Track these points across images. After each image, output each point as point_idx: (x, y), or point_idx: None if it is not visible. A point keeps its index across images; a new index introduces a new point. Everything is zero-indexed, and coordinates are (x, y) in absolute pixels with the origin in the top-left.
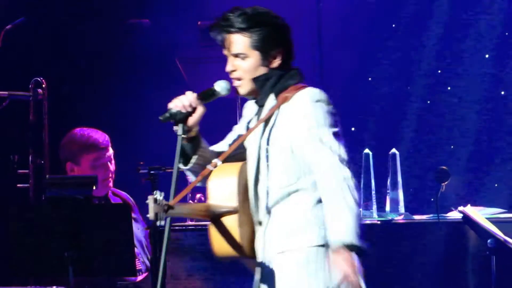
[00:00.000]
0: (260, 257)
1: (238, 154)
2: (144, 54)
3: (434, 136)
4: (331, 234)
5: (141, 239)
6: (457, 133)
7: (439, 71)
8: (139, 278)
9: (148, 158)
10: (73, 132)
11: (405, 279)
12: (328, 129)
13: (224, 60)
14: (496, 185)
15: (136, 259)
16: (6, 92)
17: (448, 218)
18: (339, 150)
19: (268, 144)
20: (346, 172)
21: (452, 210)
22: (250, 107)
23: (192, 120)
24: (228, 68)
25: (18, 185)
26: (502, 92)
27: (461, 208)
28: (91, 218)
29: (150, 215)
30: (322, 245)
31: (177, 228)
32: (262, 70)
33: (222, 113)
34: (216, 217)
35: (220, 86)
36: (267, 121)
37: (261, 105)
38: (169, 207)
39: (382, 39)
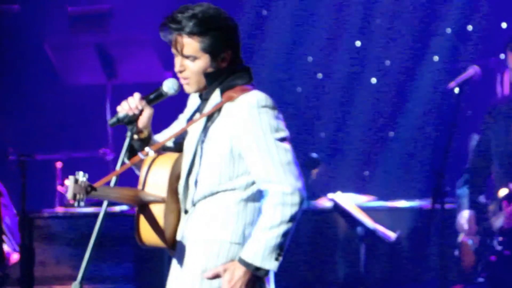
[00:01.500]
0: (177, 245)
1: (179, 144)
2: (12, 40)
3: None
4: (244, 248)
5: (10, 225)
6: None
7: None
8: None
9: (18, 145)
10: None
11: None
12: (273, 135)
13: (91, 45)
14: (366, 172)
15: (4, 245)
16: None
17: (318, 205)
18: (285, 156)
19: (204, 140)
20: (290, 185)
21: (322, 197)
22: (194, 99)
23: (141, 122)
24: (177, 68)
25: None
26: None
27: (331, 195)
28: None
29: (69, 194)
30: (237, 243)
31: (46, 215)
32: (211, 70)
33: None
34: (144, 204)
35: (167, 86)
36: (209, 117)
37: (205, 99)
38: (92, 189)
39: None
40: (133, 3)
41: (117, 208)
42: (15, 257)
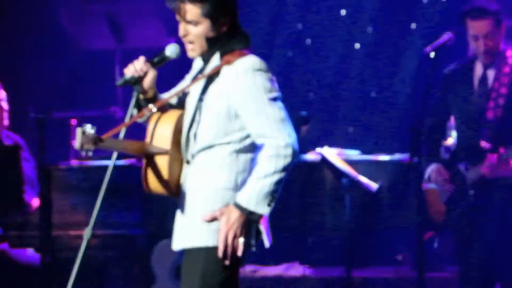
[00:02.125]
0: (180, 191)
1: (183, 102)
2: (32, 9)
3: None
4: (239, 193)
5: (31, 177)
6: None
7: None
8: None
9: (36, 104)
10: None
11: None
12: (266, 95)
13: (102, 14)
14: (352, 128)
15: (25, 195)
16: None
17: (307, 159)
18: (279, 113)
19: (204, 98)
20: (283, 139)
21: (311, 151)
22: (198, 62)
23: (146, 83)
24: (181, 33)
25: None
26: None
27: (319, 149)
28: None
29: (76, 144)
30: (230, 189)
31: (62, 168)
32: (212, 35)
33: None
34: (150, 156)
35: (170, 50)
36: (209, 78)
37: (206, 61)
38: (99, 140)
39: None
40: None
41: (126, 161)
42: (35, 204)
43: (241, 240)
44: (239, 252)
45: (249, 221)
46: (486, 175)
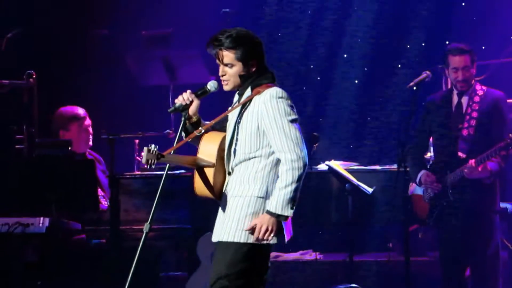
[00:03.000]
0: (223, 197)
1: (225, 126)
2: (104, 54)
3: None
4: (269, 202)
5: (105, 184)
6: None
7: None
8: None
9: (108, 127)
10: (60, 109)
11: None
12: (287, 118)
13: (158, 58)
14: (351, 145)
15: (101, 198)
16: (8, 81)
17: (318, 169)
18: (295, 133)
19: (240, 121)
20: (296, 154)
21: (321, 164)
22: (235, 96)
23: (191, 110)
24: (220, 73)
25: (16, 146)
26: (345, 55)
27: (327, 162)
28: (67, 169)
29: (143, 160)
30: (261, 197)
31: (128, 176)
32: (243, 73)
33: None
34: (200, 167)
35: (210, 85)
36: (243, 106)
37: (241, 94)
38: (161, 156)
39: None
40: (187, 28)
41: (178, 172)
42: (106, 205)
43: (272, 235)
44: (269, 241)
45: (278, 222)
46: (466, 175)
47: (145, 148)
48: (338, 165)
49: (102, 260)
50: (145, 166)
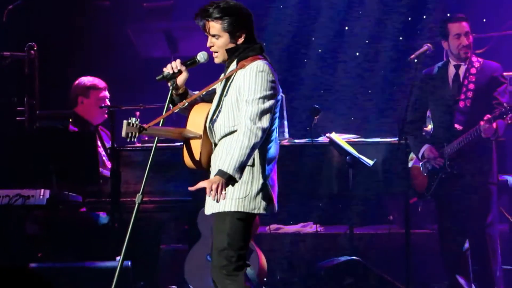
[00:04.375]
0: (211, 166)
1: (212, 96)
2: (105, 26)
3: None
4: (222, 162)
5: (106, 158)
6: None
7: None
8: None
9: (109, 99)
10: (81, 78)
11: (283, 187)
12: (261, 93)
13: (160, 30)
14: (352, 118)
15: (101, 170)
16: (9, 53)
17: (318, 141)
18: (264, 109)
19: (224, 94)
20: (255, 125)
21: (322, 136)
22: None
23: (179, 80)
24: (208, 44)
25: (17, 118)
26: (346, 28)
27: (328, 134)
28: (68, 142)
29: (123, 134)
30: (249, 165)
31: (128, 149)
32: (231, 45)
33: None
34: (187, 139)
35: (200, 56)
36: (227, 79)
37: (227, 67)
38: (143, 129)
39: None
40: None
41: (178, 144)
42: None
43: (221, 195)
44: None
45: (228, 183)
46: (484, 135)
47: (124, 122)
48: (338, 138)
49: (102, 233)
50: (127, 139)
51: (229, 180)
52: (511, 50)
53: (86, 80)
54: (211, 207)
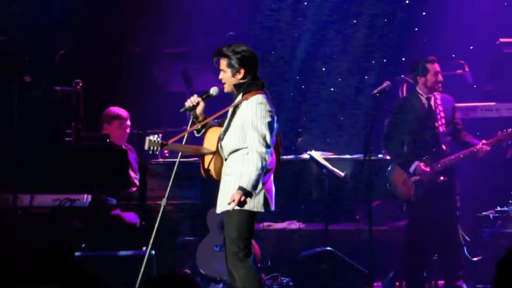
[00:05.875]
0: (222, 177)
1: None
2: (137, 69)
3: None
4: (240, 180)
5: (137, 169)
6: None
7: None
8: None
9: (138, 124)
10: (109, 108)
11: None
12: (261, 120)
13: (178, 70)
14: (327, 139)
15: (133, 179)
16: (60, 87)
17: (301, 157)
18: (266, 134)
19: (231, 119)
20: (263, 149)
21: (304, 153)
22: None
23: (197, 110)
24: (219, 76)
25: (66, 138)
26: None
27: (309, 152)
28: (107, 156)
29: (146, 147)
30: None
31: (153, 163)
32: (234, 80)
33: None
34: (203, 155)
35: (212, 90)
36: (235, 107)
37: (235, 98)
38: (164, 144)
39: None
40: (200, 47)
41: (192, 159)
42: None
43: (244, 204)
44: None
45: (246, 195)
46: (479, 156)
47: (147, 138)
48: (317, 155)
49: (132, 229)
50: (149, 152)
51: (247, 194)
52: (457, 87)
53: (112, 110)
54: (222, 206)
